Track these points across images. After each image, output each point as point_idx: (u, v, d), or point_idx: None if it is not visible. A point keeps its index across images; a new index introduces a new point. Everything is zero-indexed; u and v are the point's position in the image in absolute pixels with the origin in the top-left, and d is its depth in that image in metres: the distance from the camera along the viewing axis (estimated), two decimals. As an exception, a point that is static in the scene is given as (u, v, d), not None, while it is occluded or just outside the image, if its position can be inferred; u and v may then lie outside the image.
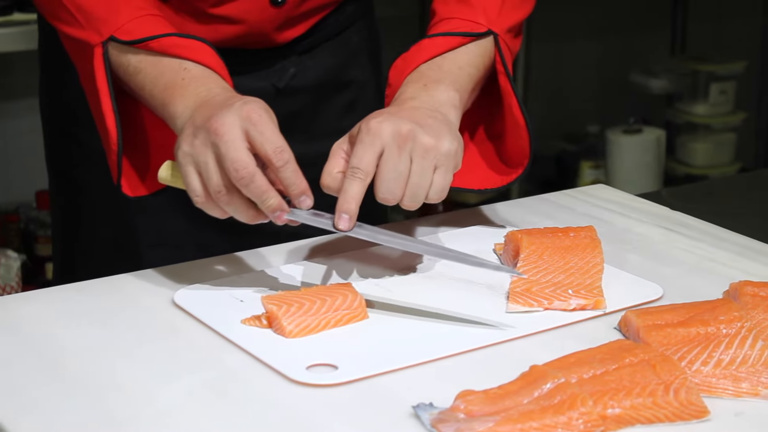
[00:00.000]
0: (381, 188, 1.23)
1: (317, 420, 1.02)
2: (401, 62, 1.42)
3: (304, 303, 1.19)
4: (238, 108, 1.21)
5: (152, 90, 1.34)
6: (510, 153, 1.46)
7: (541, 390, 1.01)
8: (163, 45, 1.34)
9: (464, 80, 1.40)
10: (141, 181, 1.39)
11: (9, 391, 1.06)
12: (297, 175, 1.21)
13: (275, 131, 1.21)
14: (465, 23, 1.43)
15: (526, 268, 1.28)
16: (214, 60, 1.35)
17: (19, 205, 3.29)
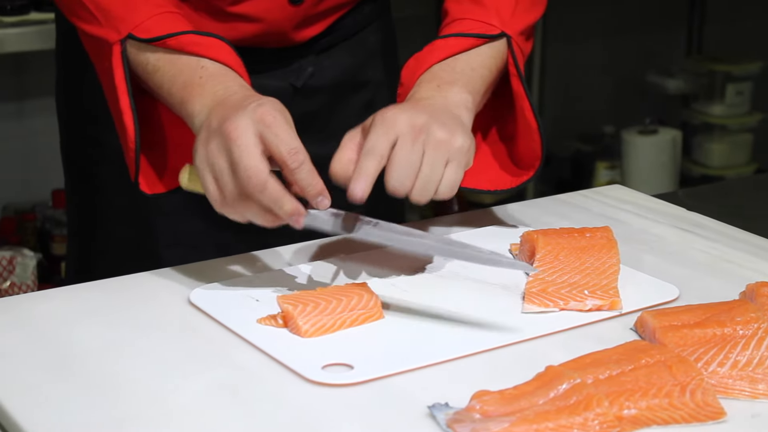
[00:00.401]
0: (392, 177, 1.22)
1: (332, 420, 1.02)
2: (414, 62, 1.41)
3: (319, 303, 1.19)
4: (252, 110, 1.21)
5: (170, 88, 1.34)
6: (522, 155, 1.46)
7: (557, 390, 1.01)
8: (181, 43, 1.34)
9: (477, 82, 1.40)
10: (158, 179, 1.40)
11: (25, 388, 1.06)
12: (313, 175, 1.21)
13: (290, 132, 1.21)
14: (478, 24, 1.42)
15: (541, 269, 1.28)
16: (231, 57, 1.35)
17: (36, 204, 3.30)
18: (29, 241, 3.23)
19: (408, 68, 1.42)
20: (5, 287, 2.99)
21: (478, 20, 1.42)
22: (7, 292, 2.98)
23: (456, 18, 1.44)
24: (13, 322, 1.20)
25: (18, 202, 3.31)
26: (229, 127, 1.19)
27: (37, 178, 3.30)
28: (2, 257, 3.00)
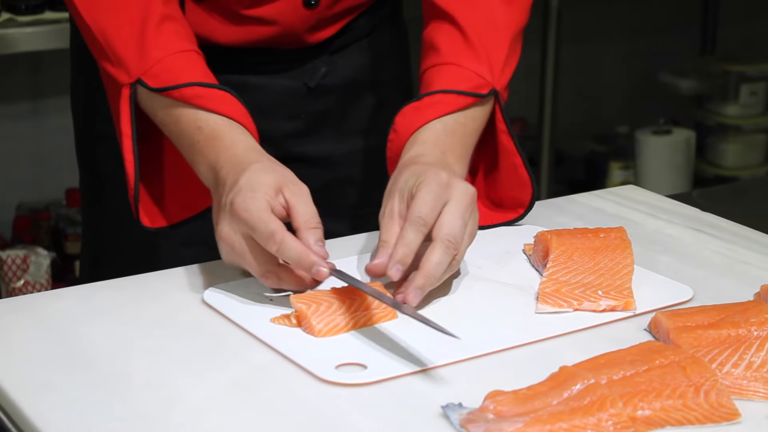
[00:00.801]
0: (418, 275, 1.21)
1: (346, 419, 1.02)
2: (413, 114, 1.40)
3: (333, 302, 1.19)
4: (229, 211, 1.23)
5: (177, 146, 1.38)
6: (505, 199, 1.48)
7: (571, 391, 1.01)
8: (184, 95, 1.34)
9: (471, 146, 1.42)
10: (160, 212, 1.43)
11: (39, 386, 1.06)
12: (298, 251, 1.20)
13: (261, 218, 1.21)
14: (472, 77, 1.42)
15: (555, 269, 1.28)
16: (233, 108, 1.36)
17: (50, 203, 3.31)
18: (43, 240, 3.23)
19: (405, 117, 1.41)
20: (19, 286, 3.00)
21: (471, 70, 1.42)
22: (21, 291, 2.99)
23: (449, 62, 1.43)
24: (27, 320, 1.20)
25: (32, 201, 3.31)
26: (220, 234, 1.24)
27: (52, 177, 3.31)
28: (16, 256, 3.01)
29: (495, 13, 1.46)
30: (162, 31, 1.36)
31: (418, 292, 1.19)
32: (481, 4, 1.45)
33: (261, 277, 1.23)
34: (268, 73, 1.55)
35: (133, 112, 1.36)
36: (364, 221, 1.44)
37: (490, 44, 1.44)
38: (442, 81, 1.42)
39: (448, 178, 1.26)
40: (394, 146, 1.41)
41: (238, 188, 1.24)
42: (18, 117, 3.31)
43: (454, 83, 1.41)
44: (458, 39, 1.44)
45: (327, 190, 1.60)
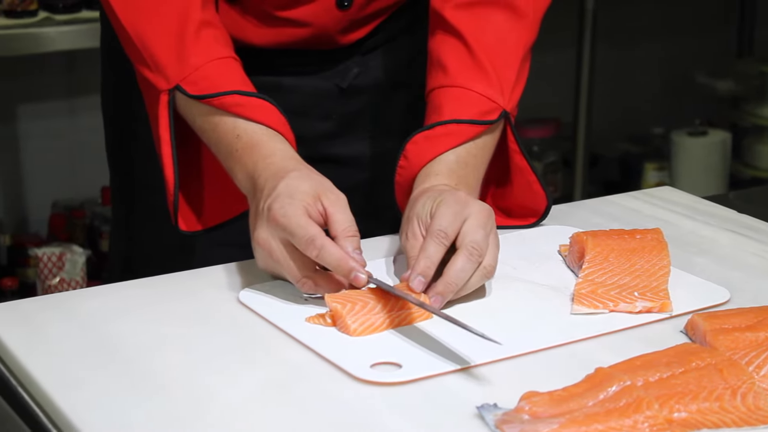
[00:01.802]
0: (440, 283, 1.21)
1: (380, 418, 1.02)
2: (425, 143, 1.40)
3: (368, 302, 1.19)
4: (266, 217, 1.24)
5: (216, 153, 1.38)
6: (517, 210, 1.48)
7: (607, 393, 1.01)
8: (223, 104, 1.35)
9: (482, 175, 1.42)
10: (197, 217, 1.44)
11: (75, 384, 1.07)
12: (337, 258, 1.21)
13: (299, 224, 1.22)
14: (482, 102, 1.41)
15: (591, 270, 1.27)
16: (272, 117, 1.36)
17: (85, 201, 3.32)
18: (78, 237, 3.25)
19: (417, 146, 1.40)
20: (54, 283, 3.01)
21: (482, 95, 1.41)
22: (57, 288, 3.00)
23: (458, 84, 1.42)
24: (62, 317, 1.21)
25: (67, 198, 3.33)
26: (257, 240, 1.25)
27: (87, 175, 3.32)
28: (52, 253, 3.02)
29: (504, 31, 1.45)
30: (200, 38, 1.36)
31: (438, 298, 1.20)
32: (490, 21, 1.44)
33: (298, 282, 1.24)
34: (301, 74, 1.55)
35: (171, 118, 1.37)
36: (394, 222, 1.44)
37: (499, 64, 1.43)
38: (452, 107, 1.41)
39: (466, 197, 1.28)
40: (405, 173, 1.41)
41: (276, 194, 1.24)
42: (54, 115, 3.32)
43: (465, 110, 1.40)
44: (467, 58, 1.43)
45: (358, 191, 1.60)
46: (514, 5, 1.44)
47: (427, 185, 1.36)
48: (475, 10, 1.44)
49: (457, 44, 1.43)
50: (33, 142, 3.31)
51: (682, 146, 3.77)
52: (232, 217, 1.45)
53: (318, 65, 1.55)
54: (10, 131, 3.29)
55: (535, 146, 3.73)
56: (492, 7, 1.44)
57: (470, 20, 1.44)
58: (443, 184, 1.35)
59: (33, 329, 1.18)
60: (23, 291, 3.07)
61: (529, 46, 1.46)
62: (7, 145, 3.29)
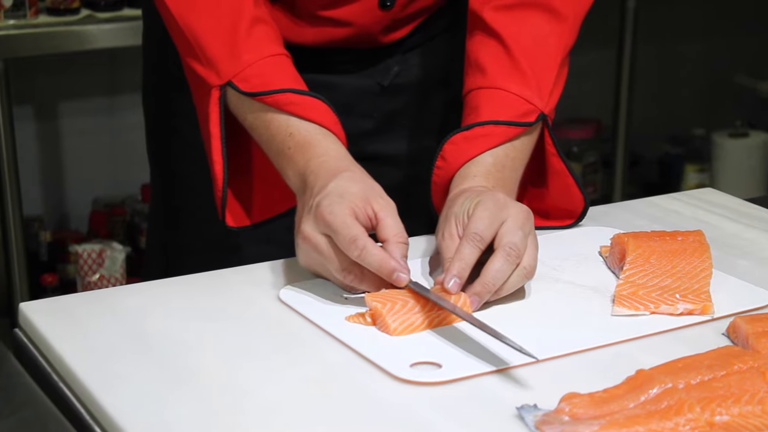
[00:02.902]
0: (477, 283, 1.21)
1: (420, 418, 1.02)
2: (463, 144, 1.39)
3: (408, 301, 1.19)
4: (314, 213, 1.24)
5: (266, 151, 1.38)
6: (553, 212, 1.48)
7: (648, 395, 1.00)
8: (277, 102, 1.35)
9: (519, 177, 1.42)
10: (245, 213, 1.43)
11: (116, 381, 1.07)
12: (378, 259, 1.21)
13: (345, 223, 1.22)
14: (520, 103, 1.41)
15: (632, 272, 1.27)
16: (325, 116, 1.36)
17: (125, 198, 3.34)
18: (118, 234, 3.27)
19: (455, 146, 1.40)
20: (94, 280, 3.03)
21: (520, 96, 1.41)
22: (96, 285, 3.02)
23: (496, 86, 1.42)
24: (103, 314, 1.22)
25: (108, 196, 3.35)
26: (303, 234, 1.25)
27: (127, 172, 3.34)
28: (92, 250, 3.04)
29: (544, 33, 1.44)
30: (253, 34, 1.36)
31: (475, 298, 1.20)
32: (530, 23, 1.44)
33: (342, 272, 1.23)
34: (342, 73, 1.55)
35: (222, 114, 1.37)
36: (430, 221, 1.44)
37: (539, 66, 1.42)
38: (490, 108, 1.41)
39: (505, 198, 1.28)
40: (442, 173, 1.40)
41: (326, 193, 1.24)
42: (95, 113, 3.34)
43: (503, 111, 1.40)
44: (505, 60, 1.42)
45: (402, 189, 1.61)
46: (555, 8, 1.44)
47: (464, 186, 1.36)
48: (515, 12, 1.44)
49: (496, 46, 1.43)
50: (74, 140, 3.33)
51: (723, 148, 3.75)
52: (279, 213, 1.45)
53: (359, 64, 1.56)
54: (52, 128, 3.31)
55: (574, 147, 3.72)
56: (532, 9, 1.44)
57: (509, 22, 1.43)
58: (480, 185, 1.35)
59: (74, 325, 1.19)
60: (63, 287, 3.10)
61: (568, 49, 1.46)
62: (49, 142, 3.31)
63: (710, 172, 3.78)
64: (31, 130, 3.27)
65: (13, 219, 2.78)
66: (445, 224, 1.29)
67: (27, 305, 1.22)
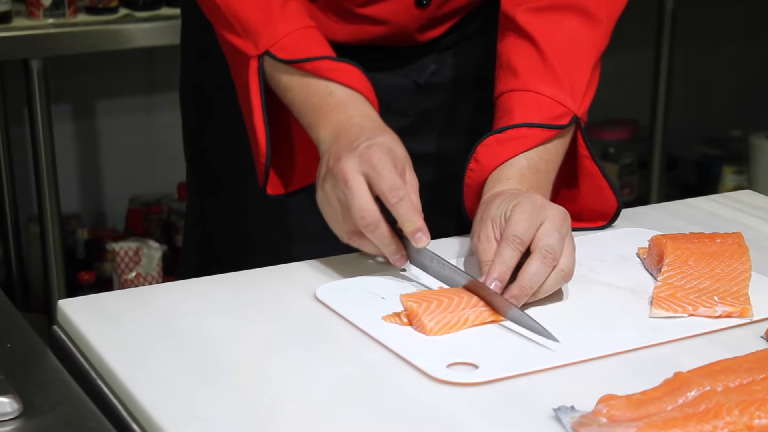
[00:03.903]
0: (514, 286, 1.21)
1: (457, 418, 1.01)
2: (496, 146, 1.39)
3: (443, 300, 1.19)
4: (360, 152, 1.26)
5: (300, 109, 1.38)
6: (588, 214, 1.47)
7: (686, 397, 1.00)
8: (316, 68, 1.37)
9: (552, 180, 1.42)
10: (281, 181, 1.44)
11: (153, 378, 1.08)
12: (412, 212, 1.25)
13: (392, 171, 1.25)
14: (553, 106, 1.40)
15: (670, 274, 1.26)
16: (362, 83, 1.38)
17: (162, 197, 3.36)
18: (155, 232, 3.28)
19: (489, 148, 1.40)
20: (131, 277, 3.04)
21: (553, 99, 1.40)
22: (133, 283, 3.03)
23: (529, 88, 1.41)
24: (140, 312, 1.22)
25: (145, 194, 3.36)
26: (340, 169, 1.26)
27: (164, 171, 3.36)
28: (129, 248, 3.06)
29: (577, 36, 1.43)
30: (287, 7, 1.39)
31: (513, 301, 1.20)
32: (563, 25, 1.43)
33: (348, 232, 1.28)
34: (378, 71, 1.55)
35: (262, 84, 1.39)
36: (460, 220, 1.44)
37: (571, 69, 1.42)
38: (523, 111, 1.40)
39: (542, 200, 1.28)
40: (475, 176, 1.40)
41: (376, 141, 1.27)
42: (132, 111, 3.36)
43: (536, 114, 1.40)
44: (538, 62, 1.42)
45: (435, 188, 1.61)
46: (588, 11, 1.44)
47: (498, 189, 1.35)
48: (548, 15, 1.43)
49: (529, 48, 1.42)
50: (111, 138, 3.35)
51: (761, 149, 3.73)
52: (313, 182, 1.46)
53: (395, 62, 1.56)
54: (89, 127, 3.33)
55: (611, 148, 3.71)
56: (565, 12, 1.43)
57: (543, 24, 1.43)
58: (515, 188, 1.35)
59: (112, 323, 1.19)
60: (100, 284, 3.12)
61: (601, 52, 1.45)
62: (86, 140, 3.33)
63: (748, 173, 3.76)
64: (69, 129, 3.29)
65: (51, 217, 2.80)
66: (482, 227, 1.29)
67: (65, 302, 1.23)
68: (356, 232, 1.27)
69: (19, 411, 0.98)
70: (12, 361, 1.07)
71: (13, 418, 0.98)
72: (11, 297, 2.91)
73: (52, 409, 1.00)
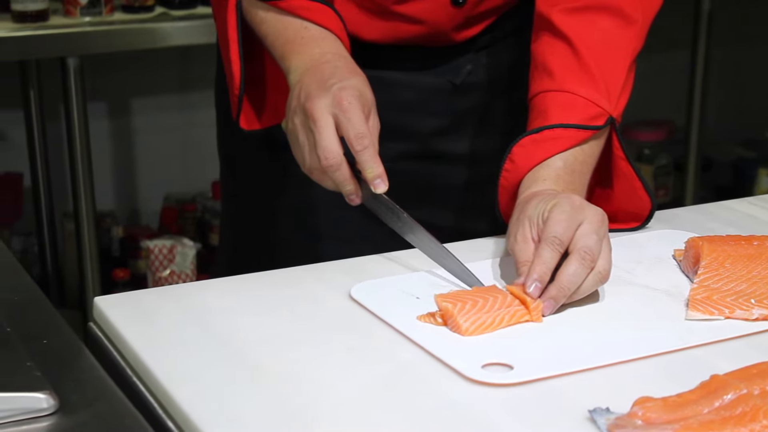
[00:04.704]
0: (553, 287, 1.21)
1: (491, 419, 1.01)
2: (532, 147, 1.39)
3: (477, 300, 1.19)
4: (333, 93, 1.29)
5: (273, 42, 1.42)
6: (622, 215, 1.47)
7: (722, 400, 0.99)
8: (291, 5, 1.40)
9: (587, 182, 1.41)
10: (256, 117, 1.50)
11: (188, 376, 1.08)
12: (374, 160, 1.29)
13: (360, 117, 1.29)
14: (589, 106, 1.40)
15: (707, 276, 1.25)
16: (335, 23, 1.41)
17: (196, 195, 3.37)
18: (189, 231, 3.30)
19: (524, 149, 1.39)
20: (165, 275, 3.06)
21: (588, 99, 1.40)
22: (167, 281, 3.05)
23: (564, 89, 1.41)
24: (176, 310, 1.22)
25: (179, 192, 3.38)
26: (311, 107, 1.29)
27: (198, 169, 3.37)
28: (163, 246, 3.07)
29: (613, 37, 1.43)
30: None
31: (551, 302, 1.20)
32: (599, 26, 1.43)
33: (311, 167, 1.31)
34: (414, 71, 1.55)
35: (239, 18, 1.43)
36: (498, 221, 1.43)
37: (607, 70, 1.41)
38: (558, 111, 1.40)
39: (581, 201, 1.28)
40: (510, 176, 1.40)
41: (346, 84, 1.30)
42: (167, 109, 3.37)
43: (572, 114, 1.39)
44: (573, 63, 1.41)
45: (469, 189, 1.60)
46: (624, 12, 1.43)
47: (534, 190, 1.35)
48: (584, 15, 1.43)
49: (564, 48, 1.42)
50: (146, 136, 3.36)
51: (798, 152, 3.71)
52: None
53: (431, 62, 1.56)
54: (124, 125, 3.34)
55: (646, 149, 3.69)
56: (600, 12, 1.43)
57: (578, 25, 1.42)
58: (551, 189, 1.34)
59: (148, 320, 1.20)
60: (134, 282, 3.13)
61: (636, 52, 1.45)
62: (121, 138, 3.35)
63: (783, 176, 3.74)
64: (105, 127, 3.30)
65: (87, 214, 2.81)
66: (518, 227, 1.28)
67: (101, 299, 1.23)
68: (318, 168, 1.30)
69: (55, 407, 0.98)
70: (48, 358, 1.07)
71: (50, 414, 0.98)
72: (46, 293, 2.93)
73: (88, 405, 1.00)
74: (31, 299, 1.24)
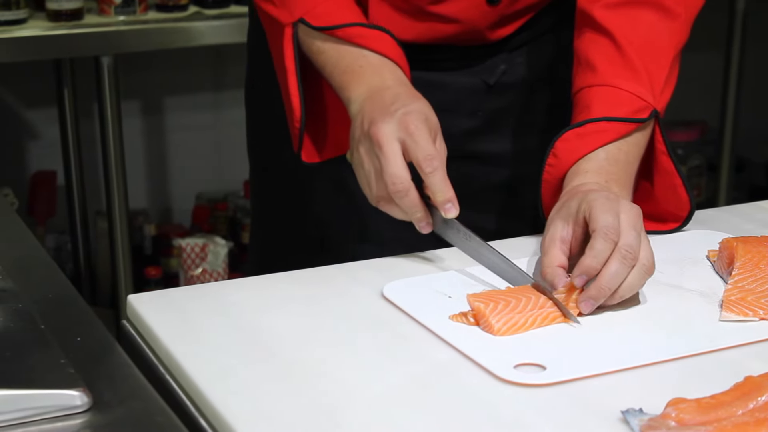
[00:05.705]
0: (593, 286, 1.20)
1: (524, 420, 1.01)
2: (576, 140, 1.39)
3: (510, 301, 1.19)
4: (398, 117, 1.29)
5: (332, 71, 1.41)
6: (661, 214, 1.46)
7: (757, 402, 0.98)
8: (348, 34, 1.40)
9: (634, 173, 1.41)
10: (316, 149, 1.49)
11: (221, 374, 1.08)
12: (444, 183, 1.27)
13: (428, 140, 1.28)
14: (632, 100, 1.39)
15: (741, 277, 1.25)
16: (394, 50, 1.41)
17: (228, 194, 3.38)
18: (221, 229, 3.30)
19: (568, 143, 1.39)
20: (197, 273, 3.06)
21: (632, 93, 1.40)
22: (199, 279, 3.05)
23: (607, 83, 1.41)
24: (209, 308, 1.23)
25: (211, 191, 3.39)
26: (376, 132, 1.28)
27: (230, 168, 3.38)
28: (195, 244, 3.08)
29: (656, 31, 1.43)
30: None
31: (590, 302, 1.19)
32: (642, 20, 1.43)
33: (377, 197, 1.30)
34: (449, 70, 1.55)
35: (296, 51, 1.43)
36: (535, 221, 1.43)
37: (651, 63, 1.41)
38: (602, 105, 1.40)
39: (616, 195, 1.28)
40: (553, 171, 1.39)
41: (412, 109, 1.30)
42: (200, 108, 3.38)
43: (616, 108, 1.39)
44: (616, 57, 1.41)
45: (504, 188, 1.60)
46: (666, 6, 1.42)
47: (576, 183, 1.35)
48: (626, 10, 1.42)
49: (607, 43, 1.42)
50: (179, 135, 3.37)
51: (832, 152, 3.68)
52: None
53: (465, 61, 1.56)
54: (157, 124, 3.36)
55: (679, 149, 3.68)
56: (642, 7, 1.43)
57: (620, 20, 1.42)
58: (593, 182, 1.34)
59: (181, 318, 1.20)
60: (166, 280, 3.14)
61: (680, 46, 1.44)
62: (154, 137, 3.36)
63: (818, 177, 3.72)
64: (138, 125, 3.32)
65: (119, 212, 2.82)
66: (550, 226, 1.28)
67: (135, 297, 1.24)
68: (385, 197, 1.30)
69: (88, 404, 0.99)
70: (82, 355, 1.08)
71: (83, 412, 0.99)
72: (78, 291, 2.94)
73: (122, 403, 1.01)
74: (64, 297, 1.24)
